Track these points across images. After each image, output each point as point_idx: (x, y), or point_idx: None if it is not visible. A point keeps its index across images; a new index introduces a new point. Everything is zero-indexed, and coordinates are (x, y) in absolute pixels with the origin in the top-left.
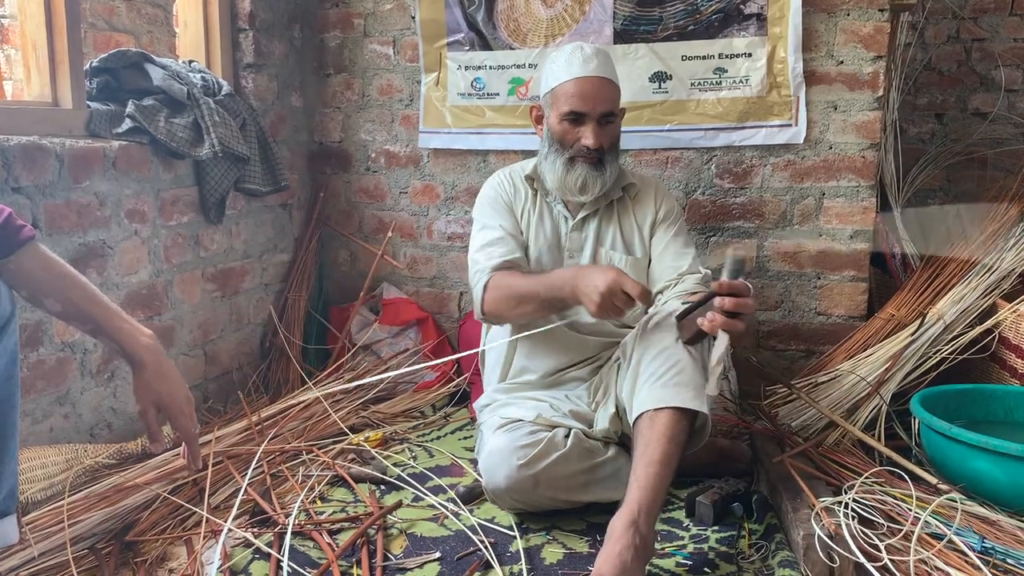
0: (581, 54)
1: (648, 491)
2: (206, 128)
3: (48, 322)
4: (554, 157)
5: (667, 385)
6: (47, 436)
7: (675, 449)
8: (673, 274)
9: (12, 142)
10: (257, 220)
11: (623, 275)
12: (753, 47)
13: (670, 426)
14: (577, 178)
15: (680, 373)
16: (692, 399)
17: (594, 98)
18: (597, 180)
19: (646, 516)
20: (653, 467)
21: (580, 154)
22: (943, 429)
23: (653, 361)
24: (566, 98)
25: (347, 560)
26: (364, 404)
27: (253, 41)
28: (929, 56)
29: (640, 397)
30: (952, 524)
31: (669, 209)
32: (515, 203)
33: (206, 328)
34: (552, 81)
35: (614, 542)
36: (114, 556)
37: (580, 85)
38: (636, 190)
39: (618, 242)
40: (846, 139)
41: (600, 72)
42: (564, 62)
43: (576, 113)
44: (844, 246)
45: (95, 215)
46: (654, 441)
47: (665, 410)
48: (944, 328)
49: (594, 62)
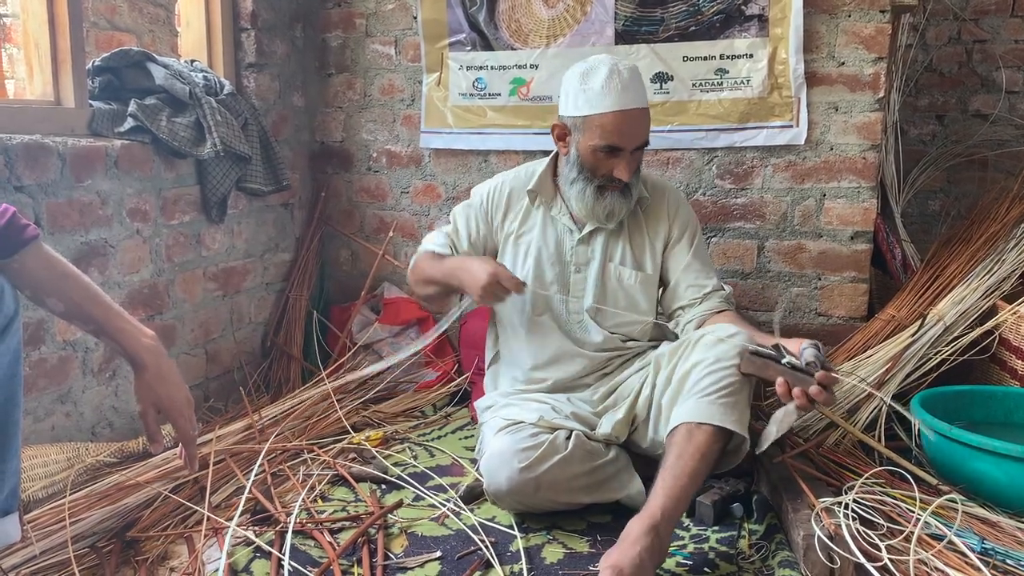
0: (619, 80)
1: (672, 500)
2: (208, 127)
3: (50, 321)
4: (583, 184)
5: (714, 403)
6: (49, 434)
7: (705, 468)
8: (697, 293)
9: (14, 141)
10: (259, 219)
11: (501, 268)
12: (754, 48)
13: (707, 443)
14: (607, 207)
15: (731, 395)
16: (736, 422)
17: (633, 134)
18: (623, 207)
19: (666, 524)
20: (682, 480)
21: (611, 183)
22: (943, 430)
23: (706, 377)
24: (604, 132)
25: (348, 559)
26: (365, 403)
27: (255, 41)
28: (930, 57)
29: (685, 407)
30: (952, 525)
31: (684, 223)
32: (507, 215)
33: (207, 327)
34: (586, 107)
35: (633, 542)
36: (115, 554)
37: (620, 120)
38: (647, 202)
39: (628, 257)
40: (847, 140)
41: (639, 103)
42: (601, 88)
43: (613, 147)
44: (845, 247)
45: (97, 214)
46: (687, 455)
47: (706, 426)
48: (944, 329)
49: (631, 91)
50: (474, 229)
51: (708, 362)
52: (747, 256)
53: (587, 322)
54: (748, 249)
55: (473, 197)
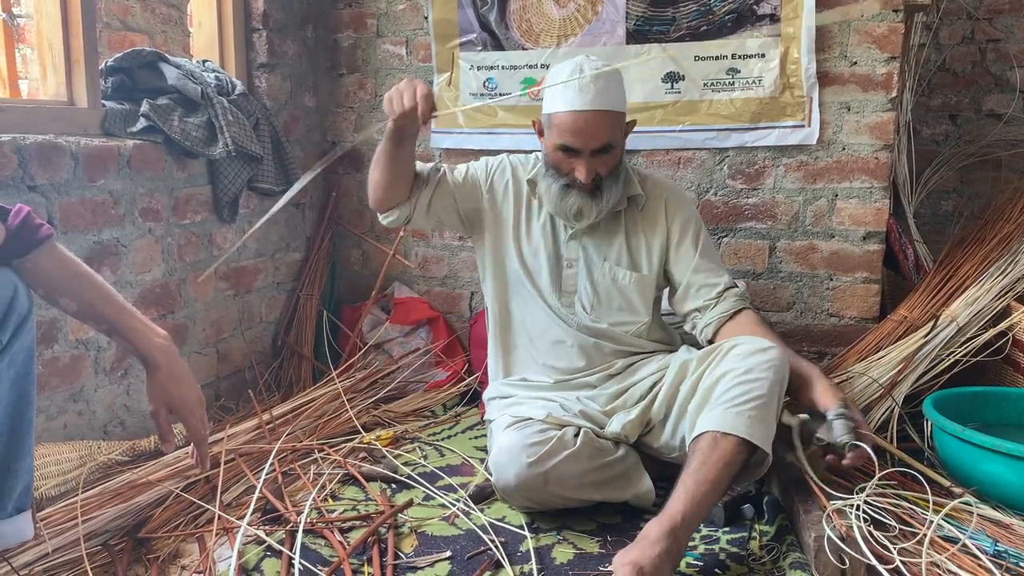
0: (578, 81)
1: (693, 506)
2: (220, 127)
3: (63, 320)
4: (550, 180)
5: (742, 414)
6: (61, 433)
7: (727, 477)
8: (710, 293)
9: (28, 141)
10: (270, 219)
11: (419, 83)
12: (766, 48)
13: (732, 453)
14: (571, 206)
15: (760, 408)
16: (762, 438)
17: (587, 135)
18: (593, 208)
19: (685, 529)
20: (704, 486)
21: (575, 183)
22: (956, 432)
23: (736, 387)
24: (559, 131)
25: (358, 558)
26: (375, 403)
27: (267, 41)
28: (943, 57)
29: (711, 415)
30: (965, 528)
31: (685, 221)
32: (507, 193)
33: (219, 326)
34: (550, 104)
35: (652, 542)
36: (127, 552)
37: (574, 120)
38: (643, 201)
39: (623, 258)
40: (859, 140)
41: (596, 104)
42: (562, 86)
43: (569, 148)
44: (857, 247)
45: (109, 213)
46: (711, 463)
47: (732, 437)
48: (957, 330)
49: (591, 92)
50: (464, 188)
51: (738, 372)
52: (758, 256)
53: (577, 308)
54: (760, 249)
55: (482, 162)
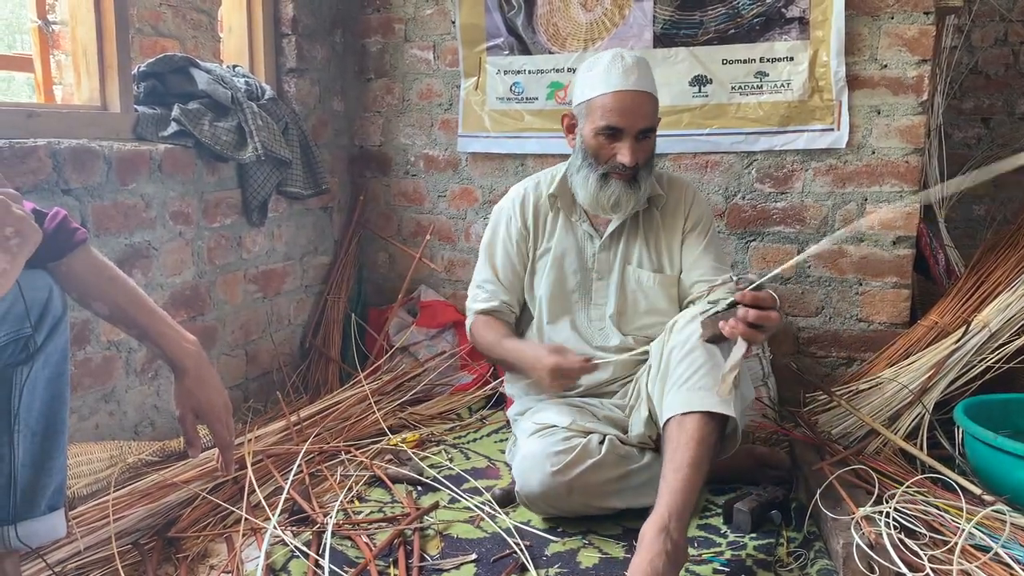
0: (622, 64)
1: (678, 495)
2: (249, 132)
3: (95, 321)
4: (587, 172)
5: (693, 389)
6: (93, 433)
7: (704, 452)
8: (706, 287)
9: (63, 145)
10: (298, 223)
11: (559, 357)
12: (795, 51)
13: (698, 430)
14: (611, 196)
15: (706, 376)
16: (719, 403)
17: (633, 113)
18: (631, 198)
19: (677, 522)
20: (682, 471)
21: (615, 170)
22: (988, 439)
23: (680, 364)
24: (603, 112)
25: (384, 560)
26: (402, 405)
27: (296, 46)
28: (975, 59)
29: (668, 401)
30: (998, 536)
31: (699, 217)
32: (533, 227)
33: (247, 328)
34: (589, 91)
35: (645, 549)
36: (157, 551)
37: (619, 99)
38: (663, 201)
39: (645, 260)
40: (889, 144)
41: (640, 86)
42: (603, 72)
43: (614, 128)
44: (887, 252)
45: (141, 216)
46: (682, 446)
47: (693, 414)
48: (989, 336)
49: (635, 74)
50: (508, 259)
51: (679, 347)
52: (787, 261)
53: (609, 329)
54: (788, 254)
55: (497, 218)
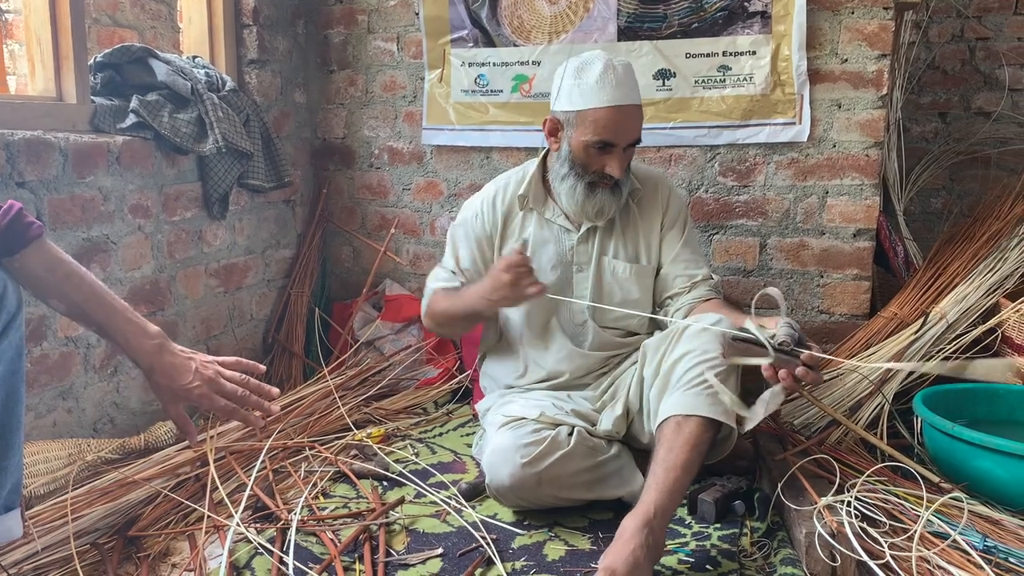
0: (614, 76)
1: (665, 494)
2: (210, 124)
3: (52, 317)
4: (574, 181)
5: (700, 394)
6: (50, 430)
7: (697, 458)
8: (686, 283)
9: (16, 136)
10: (260, 216)
11: (505, 259)
12: (757, 45)
13: (696, 434)
14: (596, 204)
15: (719, 383)
16: (723, 413)
17: (627, 129)
18: (614, 204)
19: (661, 519)
20: (674, 472)
21: (602, 180)
22: (945, 428)
23: (691, 369)
24: (596, 127)
25: (349, 556)
26: (366, 400)
27: (257, 37)
28: (933, 55)
29: (671, 400)
30: (956, 523)
31: (677, 211)
32: (503, 226)
33: (209, 324)
34: (579, 101)
35: (627, 540)
36: (117, 551)
37: (614, 115)
38: (639, 194)
39: (621, 251)
40: (850, 137)
41: (632, 99)
42: (595, 83)
43: (606, 143)
44: (847, 244)
45: (99, 210)
46: (678, 447)
47: (694, 418)
48: (947, 327)
49: (627, 86)
50: (472, 256)
51: (694, 353)
52: (749, 254)
53: (589, 323)
54: (750, 247)
55: (464, 217)
